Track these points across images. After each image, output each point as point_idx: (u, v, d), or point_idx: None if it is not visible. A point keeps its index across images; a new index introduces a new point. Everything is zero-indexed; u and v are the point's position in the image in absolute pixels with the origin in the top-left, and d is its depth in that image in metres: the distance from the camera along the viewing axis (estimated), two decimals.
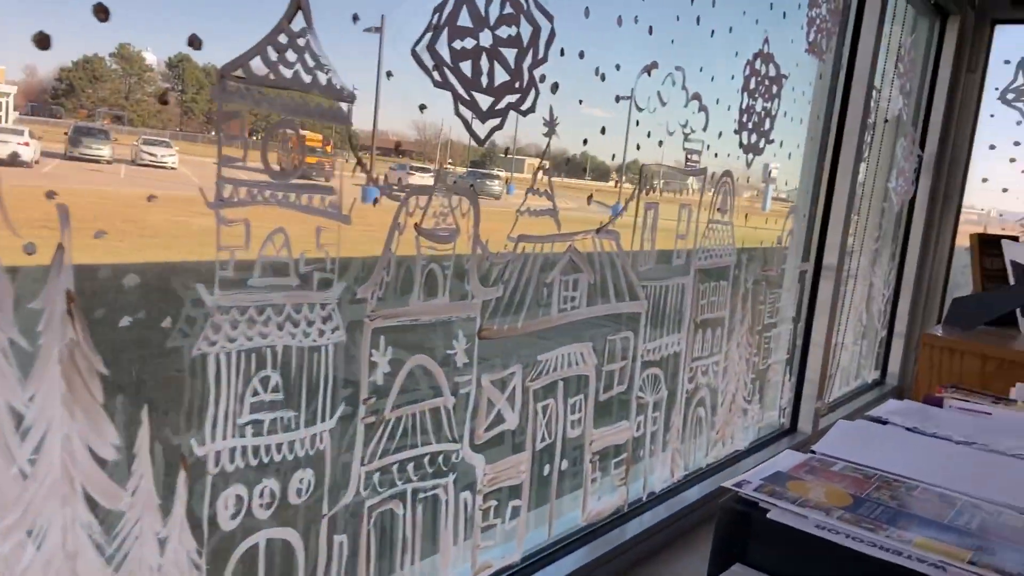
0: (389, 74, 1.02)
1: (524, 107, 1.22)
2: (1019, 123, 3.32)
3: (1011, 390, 1.93)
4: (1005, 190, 3.39)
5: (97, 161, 1.01)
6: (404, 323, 1.11)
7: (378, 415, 1.10)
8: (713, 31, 1.73)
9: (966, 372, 2.25)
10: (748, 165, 1.97)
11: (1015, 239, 2.77)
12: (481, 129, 1.15)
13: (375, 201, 1.06)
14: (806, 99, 2.28)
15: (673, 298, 1.78)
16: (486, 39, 1.14)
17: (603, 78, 1.41)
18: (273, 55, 0.88)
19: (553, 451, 1.48)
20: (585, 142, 1.42)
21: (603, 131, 1.44)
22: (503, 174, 1.35)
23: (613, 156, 1.53)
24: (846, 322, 2.92)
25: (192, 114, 1.06)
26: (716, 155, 1.85)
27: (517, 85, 1.20)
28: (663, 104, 1.59)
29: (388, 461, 1.13)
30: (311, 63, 0.92)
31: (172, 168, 1.11)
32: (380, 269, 1.06)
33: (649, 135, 1.59)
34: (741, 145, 1.92)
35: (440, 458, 1.22)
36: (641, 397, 1.72)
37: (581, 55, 1.35)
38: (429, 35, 1.05)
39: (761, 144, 1.99)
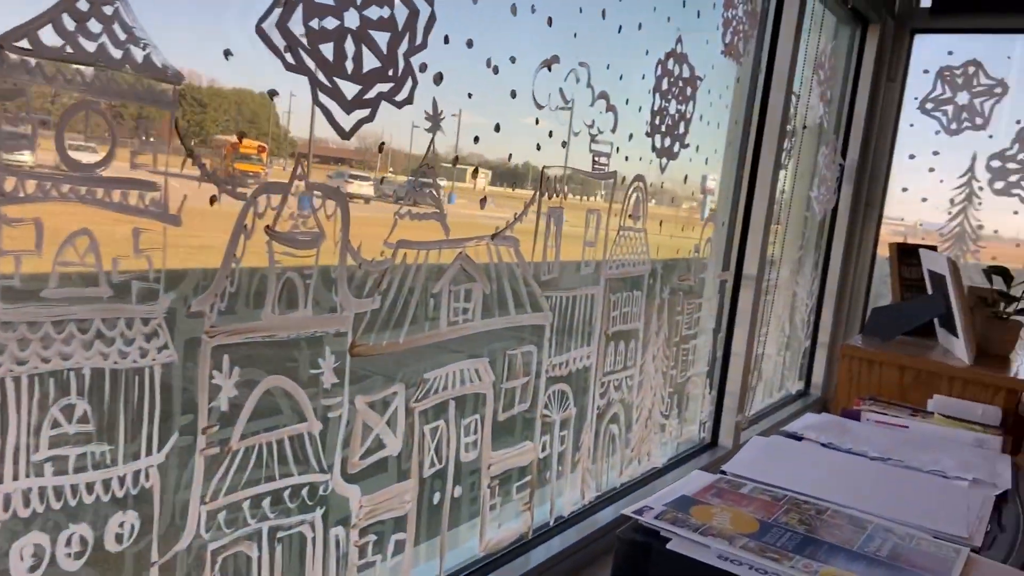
0: (228, 53, 0.89)
1: (399, 98, 1.09)
2: (938, 133, 3.35)
3: (928, 401, 1.89)
4: (924, 199, 3.42)
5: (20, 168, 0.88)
6: (255, 340, 0.98)
7: (223, 445, 0.96)
8: (621, 27, 1.63)
9: (885, 383, 2.21)
10: (662, 170, 1.88)
11: (933, 248, 2.76)
12: (346, 120, 1.02)
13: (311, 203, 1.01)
14: (723, 103, 2.22)
15: (581, 309, 1.68)
16: (352, 19, 1.02)
17: (496, 71, 1.29)
18: (70, 24, 0.74)
19: (445, 477, 1.36)
20: (476, 140, 1.31)
21: (497, 128, 1.33)
22: (445, 183, 1.24)
23: (510, 156, 1.42)
24: (767, 333, 2.87)
25: (121, 119, 0.93)
26: (627, 159, 1.75)
27: (390, 73, 1.08)
28: (566, 102, 1.49)
29: (237, 497, 0.99)
30: (122, 36, 0.78)
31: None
32: (221, 278, 0.92)
33: (551, 135, 1.48)
34: (654, 148, 1.83)
35: (305, 491, 1.08)
36: (547, 415, 1.61)
37: (469, 44, 1.23)
38: (279, 11, 0.93)
39: (675, 148, 1.90)
